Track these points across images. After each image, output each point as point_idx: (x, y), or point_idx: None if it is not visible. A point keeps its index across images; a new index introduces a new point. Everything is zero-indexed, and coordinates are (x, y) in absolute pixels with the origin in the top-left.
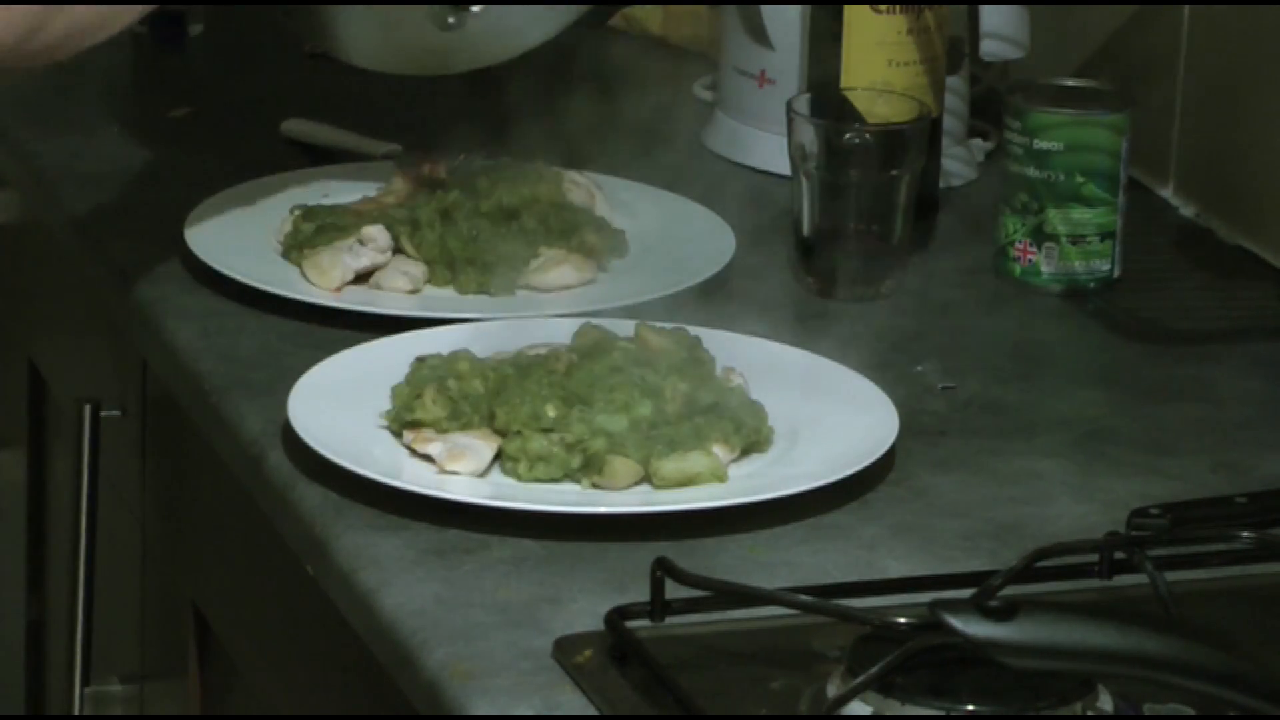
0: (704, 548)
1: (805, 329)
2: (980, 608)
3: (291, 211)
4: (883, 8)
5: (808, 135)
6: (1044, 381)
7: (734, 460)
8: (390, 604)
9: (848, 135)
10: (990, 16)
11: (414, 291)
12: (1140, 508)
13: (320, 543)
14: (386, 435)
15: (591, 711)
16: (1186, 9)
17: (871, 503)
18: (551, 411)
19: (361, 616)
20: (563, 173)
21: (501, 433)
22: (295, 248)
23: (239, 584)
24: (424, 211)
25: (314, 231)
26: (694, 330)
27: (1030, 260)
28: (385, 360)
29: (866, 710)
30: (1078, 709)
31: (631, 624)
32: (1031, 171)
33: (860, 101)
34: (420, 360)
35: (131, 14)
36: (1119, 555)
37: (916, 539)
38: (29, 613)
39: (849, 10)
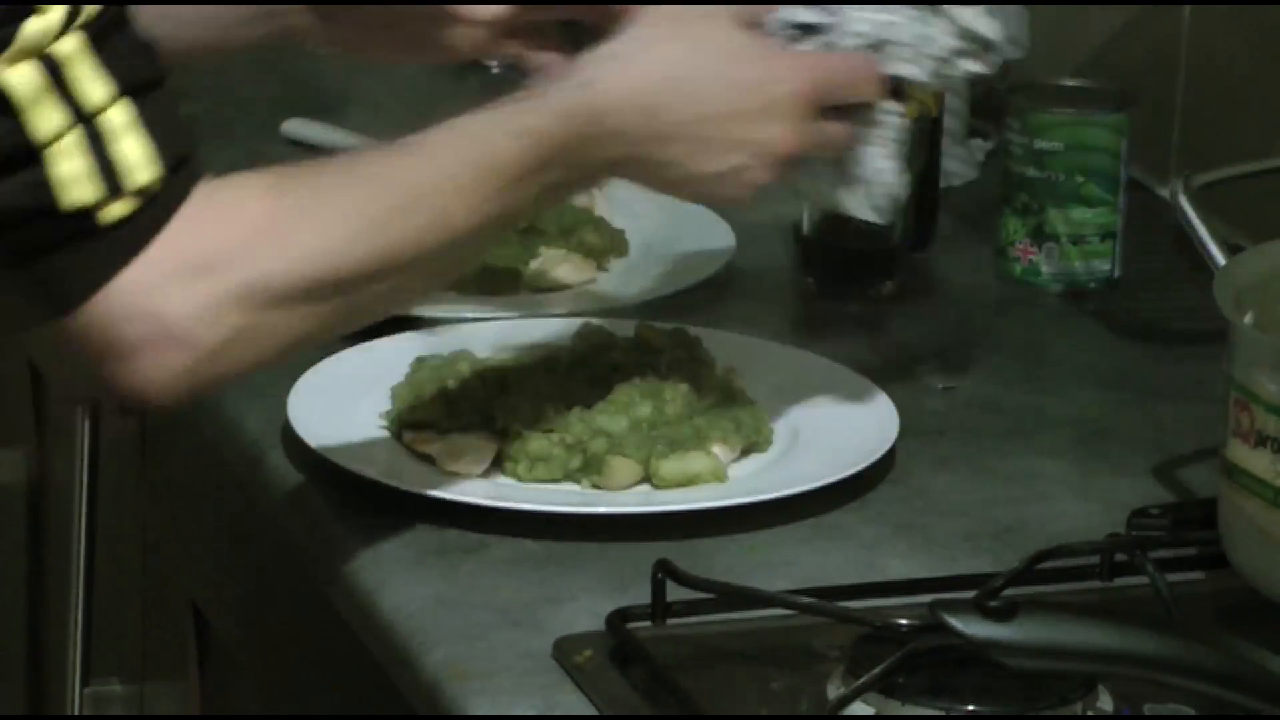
0: (704, 548)
1: (805, 329)
2: (980, 608)
3: None
4: None
5: None
6: (1044, 381)
7: (734, 460)
8: (390, 604)
9: None
10: None
11: None
12: (1140, 508)
13: (320, 543)
14: (386, 435)
15: (591, 711)
16: (1186, 9)
17: (871, 503)
18: (551, 412)
19: (361, 616)
20: None
21: (501, 433)
22: None
23: (239, 584)
24: None
25: None
26: (694, 330)
27: (1030, 260)
28: (385, 360)
29: (868, 710)
30: (1078, 709)
31: (632, 625)
32: (1031, 171)
33: None
34: (420, 360)
35: None
36: (1120, 557)
37: (917, 539)
38: (29, 613)
39: None
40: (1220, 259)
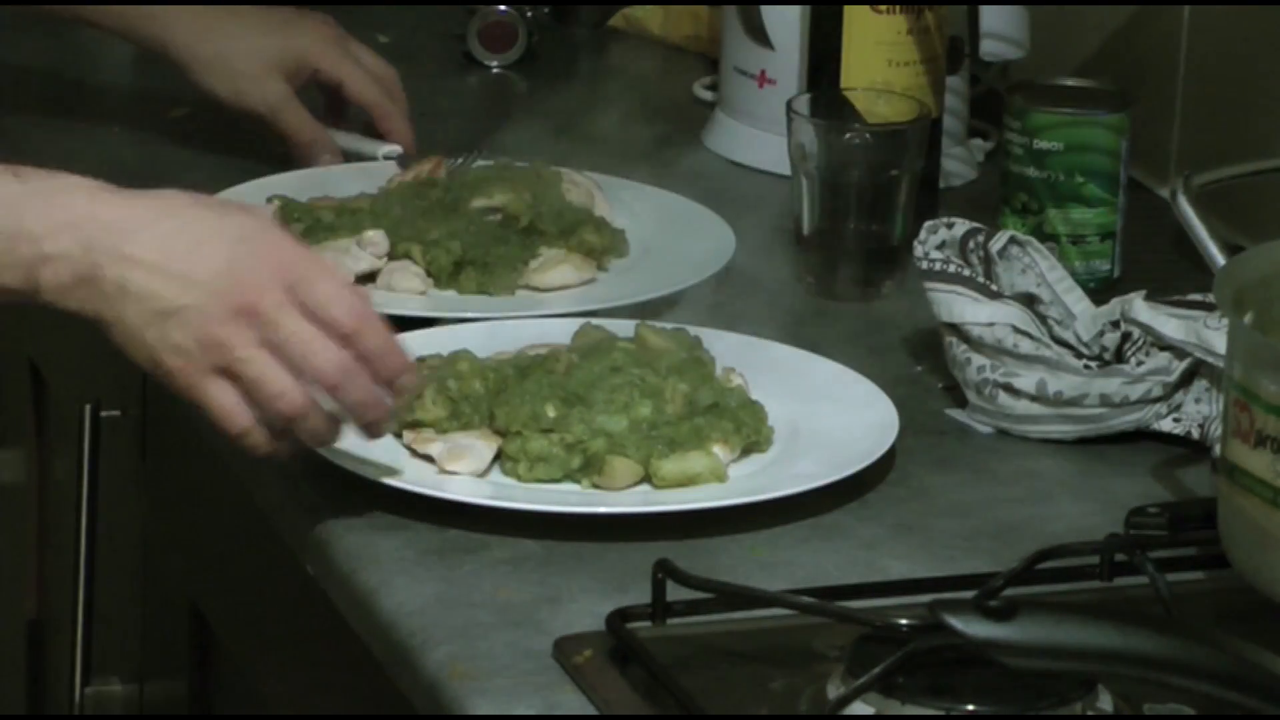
0: (704, 548)
1: (805, 329)
2: (980, 608)
3: (268, 200)
4: (883, 8)
5: (808, 135)
6: None
7: (734, 460)
8: (390, 604)
9: (848, 135)
10: (990, 16)
11: (424, 292)
12: (1138, 506)
13: (320, 543)
14: (386, 435)
15: (591, 711)
16: (1186, 9)
17: (871, 503)
18: (551, 411)
19: (361, 616)
20: (562, 173)
21: (501, 433)
22: None
23: (239, 584)
24: (440, 230)
25: (303, 231)
26: (694, 330)
27: None
28: None
29: (868, 710)
30: (1078, 709)
31: (632, 625)
32: (1031, 171)
33: (860, 101)
34: (420, 360)
35: None
36: (1120, 557)
37: (916, 539)
38: (29, 613)
39: (849, 10)
40: (1220, 259)
